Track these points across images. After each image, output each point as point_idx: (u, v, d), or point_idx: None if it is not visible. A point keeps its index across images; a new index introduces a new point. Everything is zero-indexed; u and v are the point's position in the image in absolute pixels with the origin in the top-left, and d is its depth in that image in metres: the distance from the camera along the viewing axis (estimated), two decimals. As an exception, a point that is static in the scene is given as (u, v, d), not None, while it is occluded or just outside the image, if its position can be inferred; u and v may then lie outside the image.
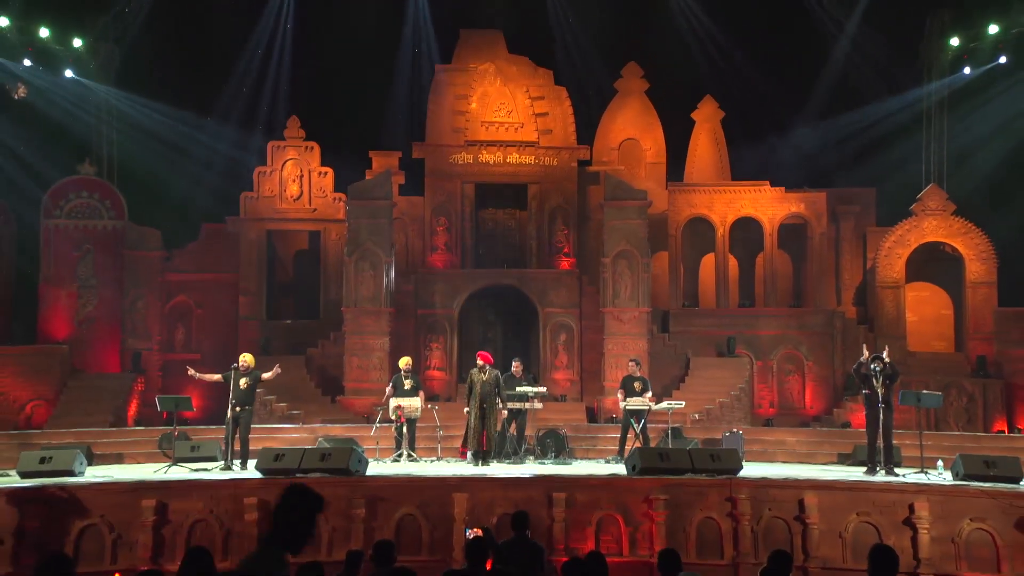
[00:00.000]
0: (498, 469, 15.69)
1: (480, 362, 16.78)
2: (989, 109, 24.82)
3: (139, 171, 25.85)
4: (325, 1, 27.01)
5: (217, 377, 16.43)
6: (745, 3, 26.51)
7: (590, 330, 23.59)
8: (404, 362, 18.00)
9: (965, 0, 24.53)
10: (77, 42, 24.43)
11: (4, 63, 23.51)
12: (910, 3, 25.44)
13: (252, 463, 15.41)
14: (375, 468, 15.41)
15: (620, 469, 15.41)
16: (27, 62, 23.87)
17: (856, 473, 15.76)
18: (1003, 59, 24.25)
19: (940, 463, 15.81)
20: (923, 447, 15.84)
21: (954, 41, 24.83)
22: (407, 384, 17.50)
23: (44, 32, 23.81)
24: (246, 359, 16.24)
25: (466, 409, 16.81)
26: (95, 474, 15.21)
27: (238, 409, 15.86)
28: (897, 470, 15.51)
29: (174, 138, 26.25)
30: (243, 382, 15.96)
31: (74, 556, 12.70)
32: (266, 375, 16.30)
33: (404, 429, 17.17)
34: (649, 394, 17.77)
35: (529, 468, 16.11)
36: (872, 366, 15.52)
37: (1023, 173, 24.45)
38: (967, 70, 24.86)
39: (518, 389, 17.44)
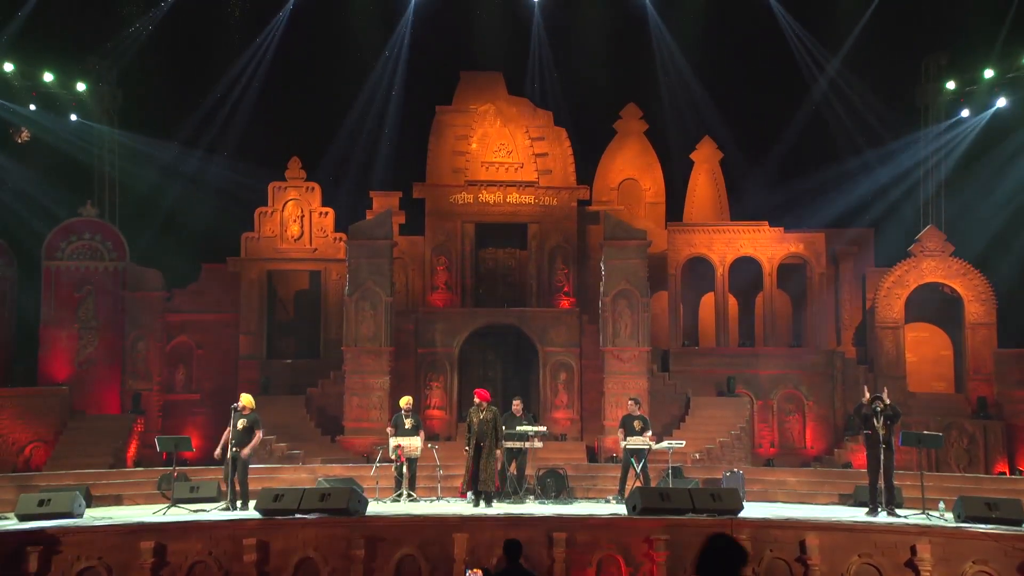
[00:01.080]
0: (498, 509, 15.62)
1: (477, 400, 16.48)
2: (987, 151, 25.02)
3: (140, 212, 26.04)
4: (323, 40, 27.26)
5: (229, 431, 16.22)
6: (735, 49, 26.86)
7: (590, 369, 23.59)
8: (405, 401, 17.96)
9: (960, 44, 24.79)
10: (80, 86, 24.72)
11: (10, 107, 23.76)
12: (905, 48, 25.71)
13: (252, 503, 15.36)
14: (375, 508, 15.33)
15: (621, 509, 15.34)
16: (32, 107, 24.15)
17: (857, 514, 15.69)
18: (1001, 101, 24.46)
19: (941, 504, 15.75)
20: (924, 488, 15.79)
21: (950, 85, 25.09)
22: (407, 423, 17.46)
23: (48, 77, 24.11)
24: (245, 400, 16.23)
25: (466, 448, 16.69)
26: (94, 516, 15.12)
27: (235, 449, 15.83)
28: (899, 511, 15.43)
29: (175, 179, 26.44)
30: (240, 423, 15.93)
31: (72, 598, 12.68)
32: (254, 441, 16.11)
33: (404, 468, 17.11)
34: (649, 433, 17.74)
35: (529, 508, 16.04)
36: (873, 407, 15.53)
37: (1022, 214, 24.63)
38: (965, 113, 25.07)
39: (518, 428, 17.40)
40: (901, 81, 26.20)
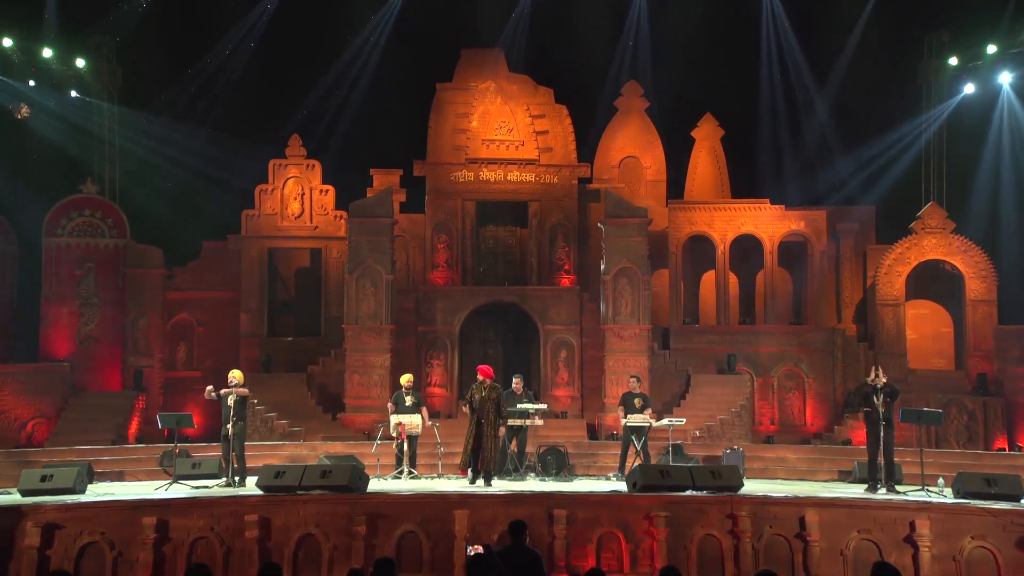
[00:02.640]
0: (499, 486, 15.68)
1: (480, 377, 16.33)
2: (988, 127, 24.94)
3: (141, 189, 25.99)
4: (323, 15, 27.10)
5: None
6: (734, 29, 26.75)
7: (591, 347, 23.61)
8: (406, 379, 18.00)
9: (962, 20, 24.64)
10: (80, 62, 24.61)
11: (9, 83, 23.65)
12: (907, 24, 25.57)
13: (250, 479, 15.44)
14: (376, 485, 15.41)
15: (621, 486, 15.41)
16: (31, 82, 24.04)
17: (857, 490, 15.75)
18: (1005, 77, 24.32)
19: (941, 481, 15.82)
20: (924, 465, 15.86)
21: (953, 61, 24.98)
22: (408, 401, 17.52)
23: (47, 52, 23.98)
24: (235, 375, 16.28)
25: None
26: (96, 492, 15.20)
27: (230, 425, 15.91)
28: (898, 487, 15.51)
29: (175, 155, 26.36)
30: (231, 399, 16.00)
31: (75, 574, 12.74)
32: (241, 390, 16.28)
33: (405, 446, 17.19)
34: (649, 411, 17.79)
35: (530, 485, 16.11)
36: (873, 384, 15.59)
37: (1022, 191, 24.59)
38: (969, 88, 24.93)
39: (519, 406, 17.44)
40: (903, 58, 26.07)
